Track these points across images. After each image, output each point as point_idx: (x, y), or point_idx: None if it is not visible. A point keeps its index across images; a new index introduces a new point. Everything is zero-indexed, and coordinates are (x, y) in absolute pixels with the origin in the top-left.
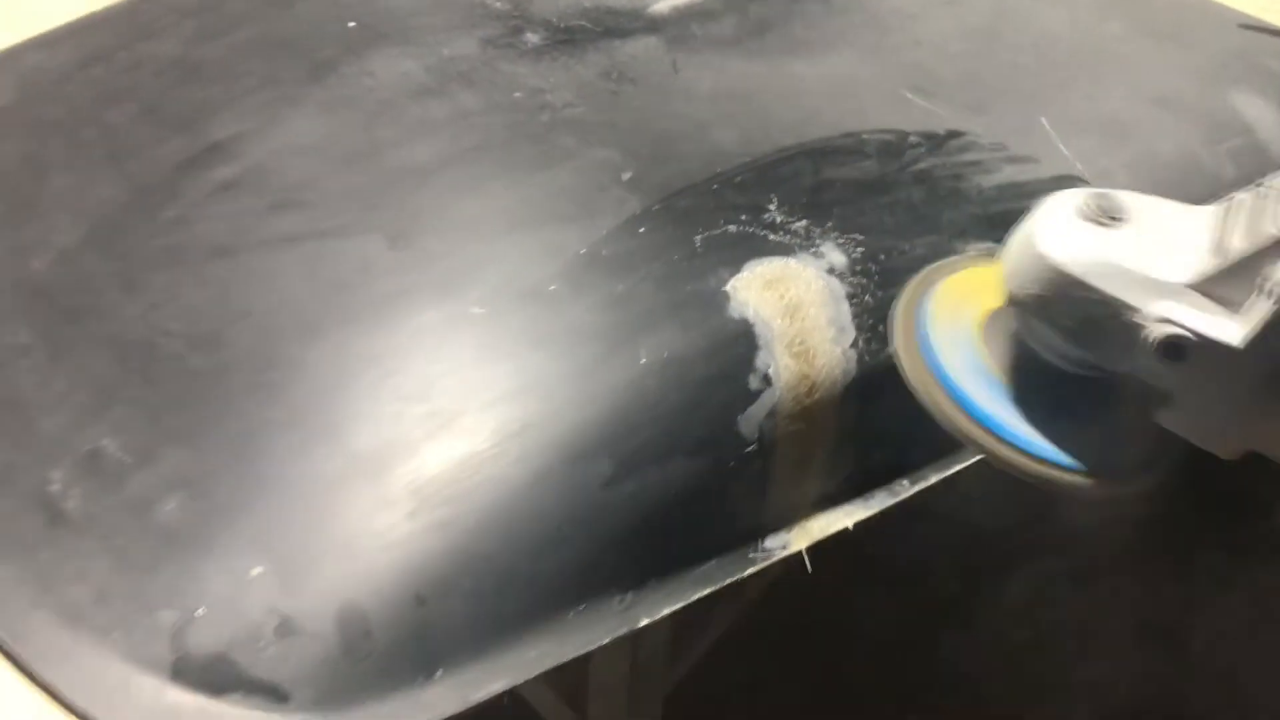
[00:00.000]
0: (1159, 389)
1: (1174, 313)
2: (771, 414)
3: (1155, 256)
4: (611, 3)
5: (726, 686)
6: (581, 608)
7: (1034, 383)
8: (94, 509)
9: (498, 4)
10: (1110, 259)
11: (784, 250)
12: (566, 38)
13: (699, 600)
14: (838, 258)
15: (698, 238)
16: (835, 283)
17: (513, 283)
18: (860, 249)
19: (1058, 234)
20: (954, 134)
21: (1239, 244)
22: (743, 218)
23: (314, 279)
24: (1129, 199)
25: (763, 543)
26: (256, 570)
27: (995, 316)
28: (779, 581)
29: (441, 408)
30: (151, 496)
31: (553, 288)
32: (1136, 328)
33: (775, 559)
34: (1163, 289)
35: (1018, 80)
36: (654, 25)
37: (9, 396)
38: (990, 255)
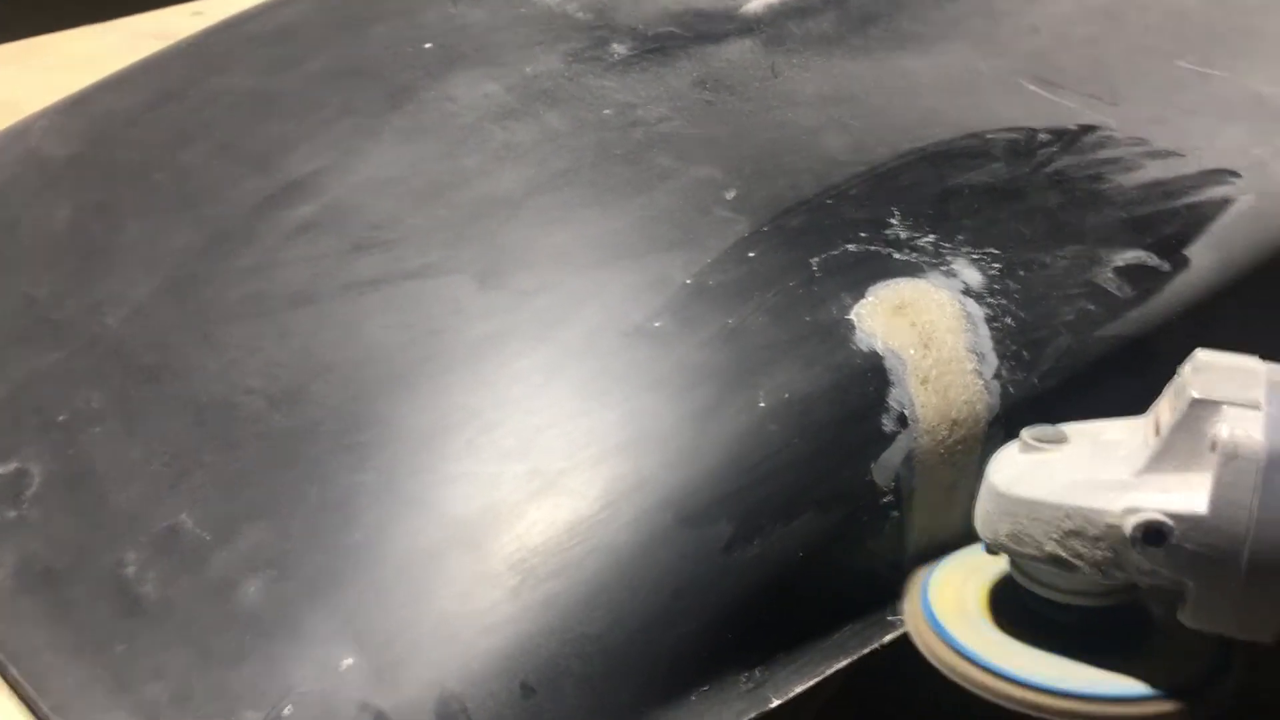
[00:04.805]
0: (1170, 589)
1: (1137, 500)
2: (909, 458)
3: (1104, 461)
4: (700, 4)
5: None
6: (705, 688)
7: (1065, 631)
8: (172, 593)
9: (580, 14)
10: (1063, 475)
11: (911, 270)
12: (655, 46)
13: (835, 674)
14: (973, 276)
15: (814, 260)
16: (972, 304)
17: (614, 321)
18: (997, 265)
19: (1010, 469)
20: (1087, 129)
21: (1169, 418)
22: (862, 235)
23: (401, 326)
24: (1066, 426)
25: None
26: (348, 661)
27: (998, 588)
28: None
29: (544, 466)
30: (233, 578)
31: (658, 324)
32: (1111, 530)
33: None
34: (1120, 485)
35: (1150, 64)
36: (748, 26)
37: (81, 469)
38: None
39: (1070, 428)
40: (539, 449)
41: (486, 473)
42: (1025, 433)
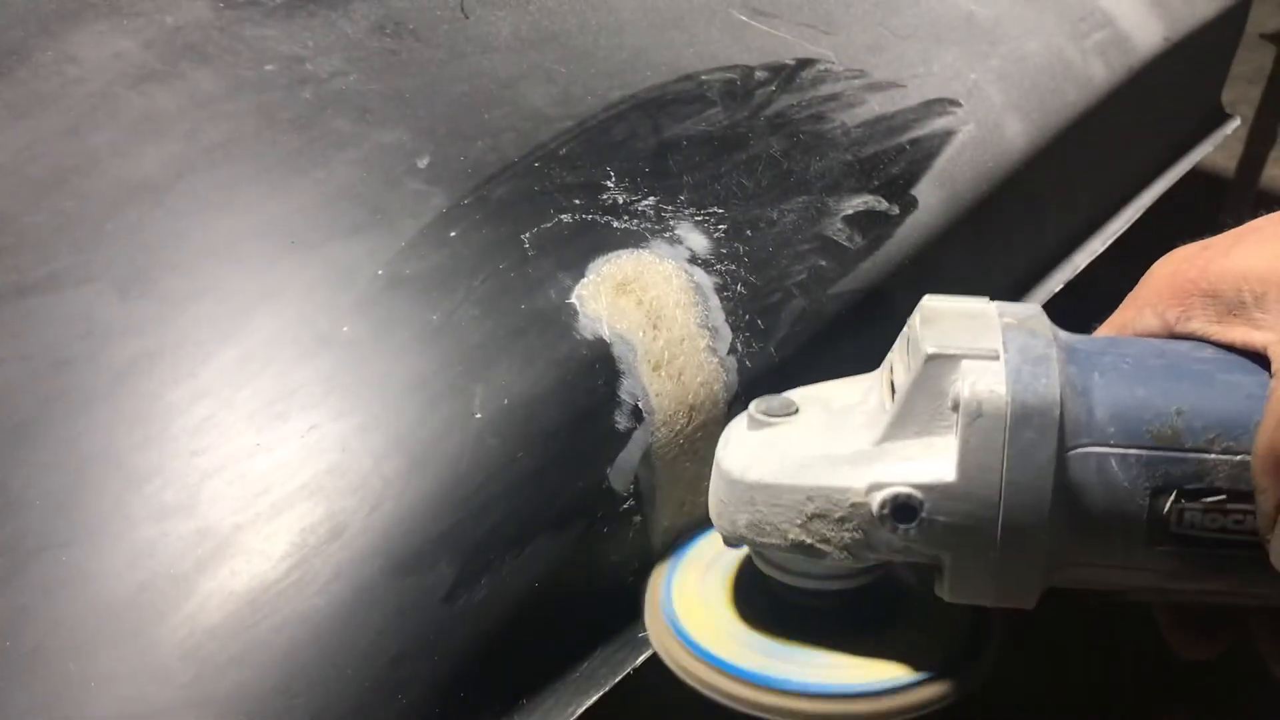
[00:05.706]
0: (927, 564)
1: (881, 474)
2: (647, 456)
3: (841, 431)
4: None
5: None
6: None
7: (820, 617)
8: None
9: None
10: (799, 452)
11: (634, 239)
12: None
13: (591, 709)
14: (698, 241)
15: (526, 236)
16: (700, 273)
17: (292, 328)
18: (723, 226)
19: (741, 451)
20: (804, 63)
21: (904, 377)
22: (577, 202)
23: (19, 358)
24: (794, 393)
25: None
26: None
27: (741, 578)
28: None
29: (215, 521)
30: None
31: (346, 329)
32: (857, 509)
33: None
34: (861, 457)
35: None
36: None
37: None
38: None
39: (799, 395)
40: (207, 500)
41: (142, 538)
42: (753, 406)
